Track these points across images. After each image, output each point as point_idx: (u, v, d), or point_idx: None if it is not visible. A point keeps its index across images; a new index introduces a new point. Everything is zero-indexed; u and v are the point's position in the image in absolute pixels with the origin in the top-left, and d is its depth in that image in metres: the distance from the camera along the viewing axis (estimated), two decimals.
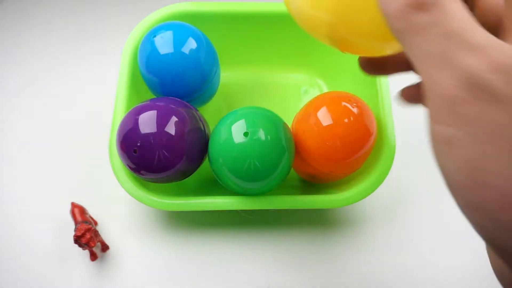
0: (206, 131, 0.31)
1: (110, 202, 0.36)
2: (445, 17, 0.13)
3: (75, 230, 0.32)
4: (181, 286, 0.34)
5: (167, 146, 0.27)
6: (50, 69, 0.43)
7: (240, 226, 0.36)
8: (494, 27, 0.15)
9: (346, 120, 0.29)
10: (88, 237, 0.32)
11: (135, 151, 0.27)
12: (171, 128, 0.27)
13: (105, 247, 0.34)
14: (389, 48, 0.17)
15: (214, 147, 0.29)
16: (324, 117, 0.29)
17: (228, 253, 0.35)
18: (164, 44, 0.31)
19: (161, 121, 0.27)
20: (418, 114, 0.42)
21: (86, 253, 0.34)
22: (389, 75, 0.21)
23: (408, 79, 0.20)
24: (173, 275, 0.34)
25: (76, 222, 0.33)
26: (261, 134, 0.27)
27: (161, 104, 0.28)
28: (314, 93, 0.41)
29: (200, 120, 0.31)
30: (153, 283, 0.34)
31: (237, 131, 0.28)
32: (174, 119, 0.28)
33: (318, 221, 0.37)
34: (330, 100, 0.30)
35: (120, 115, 0.32)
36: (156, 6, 0.37)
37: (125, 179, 0.30)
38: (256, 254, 0.35)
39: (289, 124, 0.32)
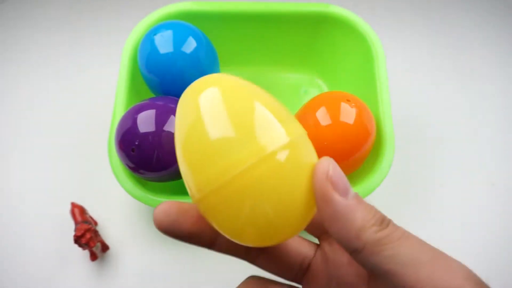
0: None
1: (110, 202, 0.36)
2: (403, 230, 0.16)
3: (75, 230, 0.32)
4: (181, 286, 0.34)
5: (166, 145, 0.27)
6: (50, 69, 0.43)
7: None
8: None
9: (344, 120, 0.29)
10: (88, 237, 0.32)
11: (133, 150, 0.27)
12: (169, 127, 0.27)
13: (105, 247, 0.34)
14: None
15: None
16: (322, 117, 0.29)
17: None
18: (164, 43, 0.31)
19: (160, 120, 0.27)
20: (417, 115, 0.42)
21: (86, 253, 0.34)
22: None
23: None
24: (173, 275, 0.34)
25: (76, 222, 0.33)
26: None
27: (160, 103, 0.28)
28: (314, 93, 0.41)
29: None
30: (153, 283, 0.34)
31: None
32: (172, 118, 0.28)
33: None
34: (329, 100, 0.30)
35: (120, 114, 0.32)
36: (156, 6, 0.37)
37: (125, 179, 0.30)
38: None
39: None
